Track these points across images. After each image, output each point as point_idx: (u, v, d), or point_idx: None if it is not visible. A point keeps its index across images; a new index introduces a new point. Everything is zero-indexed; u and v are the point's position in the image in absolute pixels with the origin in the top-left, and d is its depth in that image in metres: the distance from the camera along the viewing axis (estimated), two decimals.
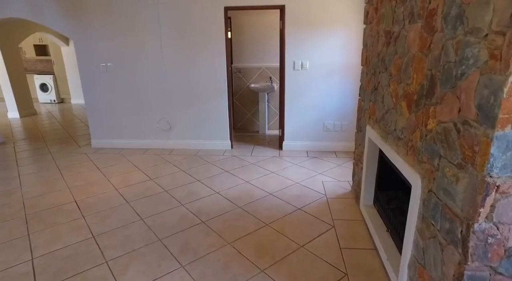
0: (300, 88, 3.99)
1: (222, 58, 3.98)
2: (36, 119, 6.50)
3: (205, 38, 3.92)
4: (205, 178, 3.37)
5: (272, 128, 5.25)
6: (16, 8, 4.00)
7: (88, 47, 4.09)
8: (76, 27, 4.01)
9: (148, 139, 4.40)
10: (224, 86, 4.09)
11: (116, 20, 3.94)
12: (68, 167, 3.77)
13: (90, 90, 4.28)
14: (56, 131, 5.49)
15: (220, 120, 4.23)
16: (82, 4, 3.91)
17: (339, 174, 3.44)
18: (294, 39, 3.81)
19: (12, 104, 6.64)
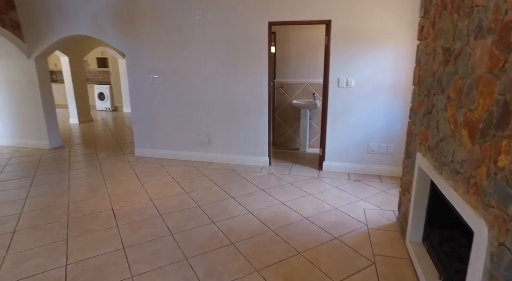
0: (344, 106, 3.78)
1: (264, 73, 3.93)
2: (91, 126, 7.00)
3: (248, 53, 3.91)
4: (240, 196, 3.28)
5: (313, 146, 5.05)
6: (83, 26, 4.37)
7: (138, 60, 4.31)
8: (129, 42, 4.26)
9: (187, 151, 4.46)
10: (265, 101, 4.03)
11: (165, 35, 4.11)
12: (111, 174, 3.93)
13: (136, 101, 4.48)
14: (106, 138, 5.84)
15: (259, 136, 4.16)
16: (135, 21, 4.15)
17: (383, 201, 3.14)
18: (340, 55, 3.65)
19: (73, 111, 7.26)
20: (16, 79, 4.86)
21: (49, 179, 3.77)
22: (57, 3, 4.38)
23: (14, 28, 4.55)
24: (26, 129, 5.10)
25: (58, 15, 4.43)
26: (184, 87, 4.24)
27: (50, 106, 5.02)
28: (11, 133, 5.18)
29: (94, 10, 4.27)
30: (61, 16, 4.42)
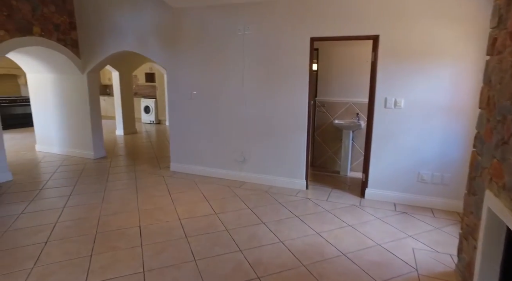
0: (391, 129, 3.42)
1: (304, 91, 3.73)
2: (135, 138, 7.27)
3: (287, 69, 3.75)
4: (271, 222, 3.04)
5: (355, 170, 4.67)
6: (130, 43, 4.56)
7: (177, 75, 4.35)
8: (170, 57, 4.33)
9: (221, 169, 4.35)
10: (305, 120, 3.80)
11: (204, 51, 4.11)
12: (144, 188, 3.93)
13: (174, 115, 4.51)
14: (146, 150, 5.98)
15: (297, 157, 3.92)
16: (176, 37, 4.22)
17: (437, 241, 2.69)
18: (388, 73, 3.33)
19: (120, 123, 7.62)
20: (70, 92, 5.19)
21: (87, 189, 3.86)
22: (109, 22, 4.64)
23: (73, 46, 4.88)
24: (75, 139, 5.39)
25: (109, 33, 4.67)
26: (221, 103, 4.18)
27: (97, 118, 5.27)
28: (63, 142, 5.51)
29: (139, 28, 4.43)
30: (111, 34, 4.66)
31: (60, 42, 4.69)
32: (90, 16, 4.78)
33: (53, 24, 4.58)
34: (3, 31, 4.01)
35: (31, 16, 4.30)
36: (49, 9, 4.51)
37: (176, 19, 4.18)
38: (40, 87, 5.46)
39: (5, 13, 4.02)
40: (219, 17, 3.95)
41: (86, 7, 4.78)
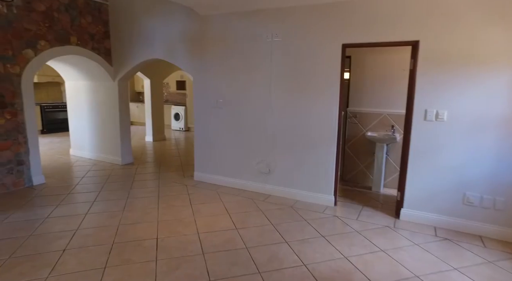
0: (432, 144, 3.08)
1: (335, 101, 3.50)
2: (163, 144, 7.35)
3: (317, 78, 3.55)
4: (295, 241, 2.82)
5: (389, 186, 4.31)
6: (158, 51, 4.60)
7: (203, 83, 4.30)
8: (196, 65, 4.29)
9: (245, 180, 4.19)
10: (335, 131, 3.56)
11: (231, 58, 4.02)
12: (166, 197, 3.86)
13: (200, 123, 4.44)
14: (173, 158, 5.98)
15: (325, 170, 3.67)
16: (204, 45, 4.17)
17: (491, 278, 2.32)
18: (428, 82, 3.02)
19: (149, 129, 7.76)
20: (102, 99, 5.33)
21: (111, 196, 3.86)
22: (139, 31, 4.72)
23: (106, 54, 5.03)
24: (105, 145, 5.51)
25: (139, 41, 4.75)
26: (247, 112, 4.04)
27: (125, 125, 5.35)
28: (94, 147, 5.66)
29: (168, 36, 4.45)
30: (141, 42, 4.73)
31: (94, 51, 4.84)
32: (122, 25, 4.90)
33: (89, 33, 4.74)
34: (43, 41, 4.19)
35: (70, 26, 4.47)
36: (86, 20, 4.68)
37: (203, 26, 4.14)
38: (76, 93, 5.68)
39: (47, 25, 4.21)
40: (247, 24, 3.85)
41: (119, 17, 4.91)
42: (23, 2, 3.96)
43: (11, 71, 3.91)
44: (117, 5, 4.90)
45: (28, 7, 4.02)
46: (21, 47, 3.97)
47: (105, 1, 4.92)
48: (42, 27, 4.16)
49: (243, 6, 3.74)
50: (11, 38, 3.88)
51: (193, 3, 3.84)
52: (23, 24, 3.97)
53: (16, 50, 3.93)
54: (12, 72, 3.91)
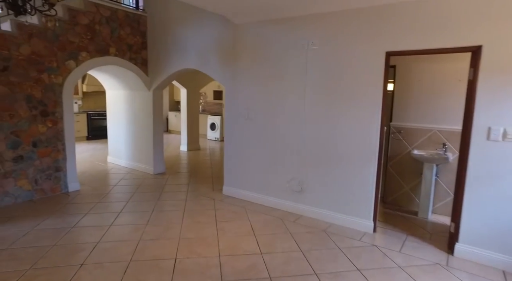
0: (496, 168, 2.59)
1: (376, 115, 3.13)
2: (197, 154, 7.32)
3: (357, 89, 3.21)
4: (325, 273, 2.48)
5: (440, 212, 3.78)
6: (191, 61, 4.56)
7: (235, 94, 4.14)
8: (228, 75, 4.16)
9: (275, 198, 3.92)
10: (375, 148, 3.18)
11: (263, 68, 3.83)
12: (192, 212, 3.71)
13: (230, 135, 4.28)
14: (204, 169, 5.89)
15: (364, 191, 3.28)
16: (236, 54, 4.03)
17: None
18: (493, 95, 2.55)
19: (184, 139, 7.81)
20: (138, 108, 5.41)
21: (137, 207, 3.81)
22: (174, 41, 4.72)
23: (143, 64, 5.11)
24: (138, 153, 5.57)
25: (174, 51, 4.75)
26: (279, 125, 3.80)
27: (159, 134, 5.37)
28: (129, 155, 5.75)
29: (201, 45, 4.39)
30: (176, 52, 4.73)
31: (131, 61, 4.93)
32: (158, 36, 4.96)
33: (127, 44, 4.85)
34: (85, 53, 4.34)
35: (109, 38, 4.61)
36: (125, 31, 4.80)
37: (236, 35, 4.01)
38: (115, 102, 5.85)
39: (88, 37, 4.36)
40: (281, 31, 3.64)
41: (156, 28, 4.98)
42: (69, 16, 4.13)
43: (55, 81, 4.07)
44: (154, 16, 4.97)
45: (74, 21, 4.19)
46: (64, 58, 4.13)
47: (144, 13, 5.03)
48: (84, 39, 4.31)
49: (279, 13, 3.55)
50: (57, 50, 4.05)
51: (227, 11, 3.72)
52: (68, 37, 4.14)
53: (60, 62, 4.09)
54: (55, 82, 4.07)
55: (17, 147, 3.82)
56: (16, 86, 3.73)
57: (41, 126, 3.99)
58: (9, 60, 3.66)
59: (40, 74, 3.92)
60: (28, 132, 3.89)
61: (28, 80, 3.83)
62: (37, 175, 4.03)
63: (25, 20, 3.52)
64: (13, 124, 3.75)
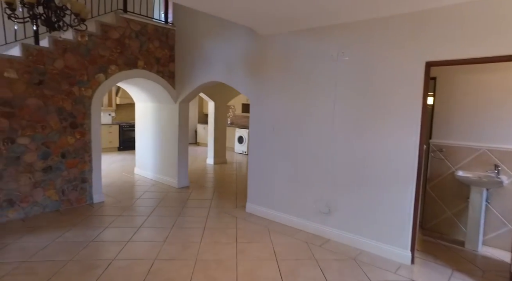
0: None
1: (414, 131, 2.81)
2: (223, 168, 7.22)
3: (392, 103, 2.92)
4: None
5: (492, 245, 3.30)
6: (217, 73, 4.50)
7: (260, 106, 3.98)
8: (254, 87, 4.02)
9: (301, 219, 3.65)
10: (413, 168, 2.85)
11: (291, 80, 3.64)
12: (212, 230, 3.54)
13: (254, 150, 4.10)
14: (229, 184, 5.74)
15: (399, 216, 2.94)
16: (262, 66, 3.89)
17: None
18: None
19: (211, 152, 7.76)
20: (165, 121, 5.43)
21: (157, 223, 3.71)
22: (200, 54, 4.70)
23: (170, 77, 5.14)
24: (163, 166, 5.55)
25: (200, 64, 4.72)
26: (306, 141, 3.56)
27: (183, 147, 5.32)
28: (155, 167, 5.75)
29: (226, 57, 4.32)
30: (202, 65, 4.69)
31: (159, 74, 4.97)
32: (186, 49, 4.97)
33: (155, 57, 4.90)
34: (114, 66, 4.42)
35: (138, 51, 4.68)
36: (153, 45, 4.86)
37: (262, 47, 3.88)
38: (143, 114, 5.93)
39: (118, 51, 4.45)
40: (309, 42, 3.46)
41: (184, 41, 5.00)
42: (101, 31, 4.25)
43: (84, 94, 4.16)
44: (182, 29, 5.01)
45: (105, 35, 4.30)
46: (94, 72, 4.23)
47: (172, 27, 5.09)
48: (114, 53, 4.41)
49: (307, 23, 3.38)
50: (88, 64, 4.15)
51: (253, 22, 3.62)
52: (98, 51, 4.24)
53: (90, 75, 4.19)
54: (85, 95, 4.16)
55: (47, 157, 3.90)
56: (49, 98, 3.85)
57: (70, 137, 4.07)
58: (44, 74, 3.79)
59: (71, 87, 4.03)
60: (58, 143, 3.97)
61: (60, 93, 3.93)
62: (64, 185, 4.08)
63: (59, 36, 3.66)
64: (44, 135, 3.85)
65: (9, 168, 3.62)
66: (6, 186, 3.62)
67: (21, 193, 3.73)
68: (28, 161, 3.75)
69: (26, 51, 3.65)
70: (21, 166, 3.70)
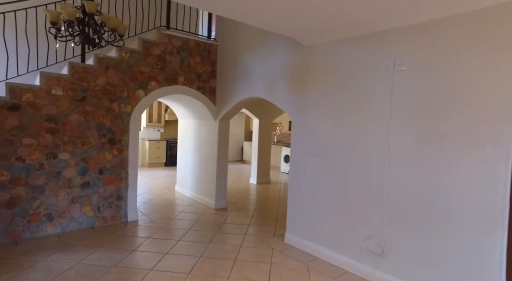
0: None
1: (502, 158, 2.14)
2: (266, 189, 6.81)
3: (470, 122, 2.29)
4: None
5: None
6: (257, 89, 4.20)
7: (302, 125, 3.54)
8: (296, 104, 3.61)
9: (347, 257, 3.06)
10: (502, 205, 2.16)
11: (337, 95, 3.17)
12: (243, 263, 3.12)
13: (295, 174, 3.64)
14: (270, 208, 5.30)
15: (480, 266, 2.23)
16: (306, 80, 3.48)
17: None
18: None
19: (254, 171, 7.42)
20: (205, 138, 5.25)
21: (185, 250, 3.40)
22: (241, 68, 4.46)
23: (210, 93, 4.99)
24: (202, 185, 5.33)
25: (241, 79, 4.48)
26: (355, 166, 3.02)
27: (222, 167, 5.05)
28: (193, 186, 5.57)
29: (267, 72, 4.00)
30: (242, 80, 4.44)
31: (199, 90, 4.84)
32: (227, 64, 4.78)
33: (196, 73, 4.79)
34: (154, 82, 4.38)
35: (179, 67, 4.61)
36: (194, 60, 4.76)
37: (306, 58, 3.49)
38: (185, 131, 5.85)
39: (159, 67, 4.42)
40: (360, 51, 2.98)
41: (225, 56, 4.83)
42: (143, 48, 4.25)
43: (124, 110, 4.14)
44: (225, 44, 4.85)
45: (147, 52, 4.29)
46: (134, 88, 4.21)
47: (215, 42, 4.96)
48: (154, 69, 4.37)
49: (356, 30, 2.93)
50: (128, 80, 4.15)
51: (296, 32, 3.27)
52: (139, 67, 4.24)
53: (130, 91, 4.18)
54: (124, 111, 4.15)
55: (85, 173, 3.89)
56: (90, 115, 3.88)
57: (108, 153, 4.04)
58: (87, 91, 3.84)
59: (112, 103, 4.03)
60: (96, 159, 3.96)
61: (100, 109, 3.95)
62: (100, 202, 4.03)
63: (99, 53, 3.69)
64: (84, 151, 3.86)
65: (50, 183, 3.66)
66: (47, 200, 3.65)
67: (60, 208, 3.74)
68: (68, 177, 3.77)
69: (72, 69, 3.73)
70: (61, 181, 3.72)
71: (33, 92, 3.51)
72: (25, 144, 3.48)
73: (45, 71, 3.64)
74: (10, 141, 3.40)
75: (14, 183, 3.44)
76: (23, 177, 3.49)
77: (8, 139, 3.39)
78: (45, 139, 3.60)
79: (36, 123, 3.53)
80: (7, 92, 3.38)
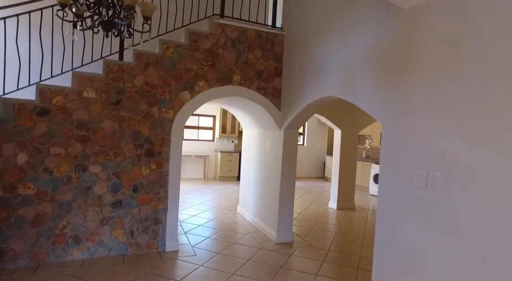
0: None
1: None
2: (349, 217, 5.35)
3: None
4: None
5: None
6: (332, 85, 2.97)
7: (401, 136, 2.16)
8: (389, 102, 2.25)
9: None
10: None
11: (473, 85, 1.72)
12: None
13: (385, 217, 2.25)
14: (352, 247, 3.89)
15: None
16: (405, 71, 2.10)
17: None
18: None
19: (334, 193, 6.02)
20: (267, 152, 4.23)
21: None
22: (312, 61, 3.31)
23: (274, 95, 3.96)
24: (263, 210, 4.29)
25: (310, 75, 3.33)
26: (496, 207, 1.52)
27: (288, 188, 3.91)
28: (255, 209, 4.58)
29: (346, 60, 2.74)
30: (312, 76, 3.28)
31: (260, 91, 3.86)
32: (295, 58, 3.69)
33: (256, 70, 3.83)
34: (202, 82, 3.59)
35: (234, 63, 3.73)
36: (254, 55, 3.82)
37: (406, 30, 2.13)
38: (248, 143, 4.95)
39: (209, 63, 3.62)
40: None
41: (293, 48, 3.74)
42: (190, 41, 3.53)
43: (165, 115, 3.45)
44: (293, 33, 3.78)
45: (195, 46, 3.55)
46: (178, 89, 3.49)
47: (280, 31, 3.94)
48: (203, 66, 3.59)
49: None
50: (171, 80, 3.46)
51: None
52: (185, 64, 3.51)
53: (173, 93, 3.47)
54: (165, 116, 3.45)
55: (117, 190, 3.29)
56: (125, 121, 3.29)
57: (144, 168, 3.38)
58: (122, 93, 3.27)
59: (151, 107, 3.38)
60: (130, 174, 3.33)
61: (137, 115, 3.33)
62: (134, 226, 3.37)
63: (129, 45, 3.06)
64: (116, 163, 3.27)
65: (78, 200, 3.15)
66: (74, 220, 3.14)
67: (88, 229, 3.20)
68: (97, 193, 3.21)
69: (107, 68, 3.21)
70: (90, 198, 3.19)
71: (63, 94, 3.07)
72: (53, 154, 3.04)
73: (78, 70, 3.20)
74: (38, 150, 3.00)
75: (40, 198, 3.02)
76: (50, 192, 3.05)
77: (36, 147, 2.99)
78: (75, 149, 3.11)
79: (65, 130, 3.07)
80: (37, 94, 3.00)
